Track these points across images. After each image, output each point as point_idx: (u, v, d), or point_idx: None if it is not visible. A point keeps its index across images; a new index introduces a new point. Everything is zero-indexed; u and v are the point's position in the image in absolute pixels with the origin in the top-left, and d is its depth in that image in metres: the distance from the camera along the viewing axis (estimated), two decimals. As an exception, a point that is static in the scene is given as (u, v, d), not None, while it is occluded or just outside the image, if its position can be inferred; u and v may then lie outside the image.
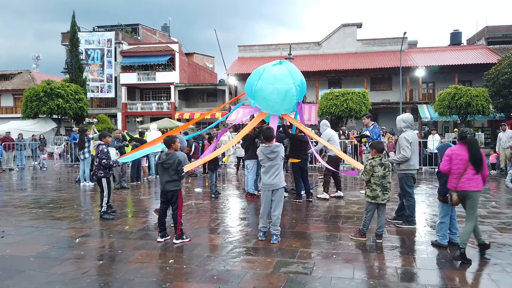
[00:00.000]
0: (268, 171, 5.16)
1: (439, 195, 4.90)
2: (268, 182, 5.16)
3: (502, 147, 13.15)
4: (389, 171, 5.09)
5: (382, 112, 29.41)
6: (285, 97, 6.93)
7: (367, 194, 5.15)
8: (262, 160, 5.22)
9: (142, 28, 40.64)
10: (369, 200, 5.13)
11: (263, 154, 5.17)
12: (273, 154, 5.12)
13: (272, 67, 7.10)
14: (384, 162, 5.09)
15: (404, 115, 5.98)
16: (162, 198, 5.25)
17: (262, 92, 7.00)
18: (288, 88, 6.90)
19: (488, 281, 3.79)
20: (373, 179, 5.06)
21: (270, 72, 6.99)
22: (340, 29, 32.32)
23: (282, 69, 7.07)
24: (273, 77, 6.91)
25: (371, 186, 5.09)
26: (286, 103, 7.07)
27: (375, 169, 5.04)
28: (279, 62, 7.26)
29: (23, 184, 11.79)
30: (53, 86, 22.79)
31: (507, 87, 21.24)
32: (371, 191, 5.09)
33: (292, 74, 7.04)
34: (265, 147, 5.18)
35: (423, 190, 9.56)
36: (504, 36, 31.39)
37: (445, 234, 4.86)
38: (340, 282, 3.80)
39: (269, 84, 6.89)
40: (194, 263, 4.35)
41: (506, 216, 6.53)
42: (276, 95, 6.85)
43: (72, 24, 25.61)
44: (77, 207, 7.70)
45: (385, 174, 5.04)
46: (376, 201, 5.06)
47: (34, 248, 4.95)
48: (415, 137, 5.81)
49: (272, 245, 5.00)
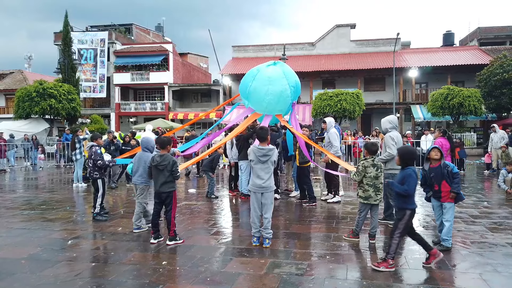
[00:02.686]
0: (258, 173, 5.00)
1: (453, 193, 4.69)
2: (258, 184, 4.99)
3: (494, 148, 13.29)
4: (381, 171, 5.11)
5: (375, 113, 29.56)
6: (279, 98, 6.92)
7: (360, 194, 5.17)
8: (252, 161, 5.04)
9: (136, 28, 40.45)
10: (361, 201, 5.14)
11: (254, 155, 5.00)
12: (265, 157, 4.97)
13: (267, 68, 7.07)
14: (376, 163, 5.11)
15: (389, 117, 6.19)
16: (157, 199, 5.23)
17: (256, 94, 6.98)
18: (282, 89, 6.89)
19: (479, 281, 3.81)
20: (366, 179, 5.07)
21: (265, 73, 6.97)
22: (334, 29, 32.45)
23: (277, 70, 7.05)
24: (268, 79, 6.89)
25: (363, 186, 5.10)
26: (281, 104, 7.06)
27: (368, 170, 5.05)
28: (273, 63, 7.23)
29: (15, 185, 11.67)
30: (45, 86, 22.59)
31: (498, 87, 21.47)
32: (363, 191, 5.10)
33: (287, 75, 7.02)
34: (258, 148, 5.03)
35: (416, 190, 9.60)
36: (496, 37, 31.71)
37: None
38: (333, 282, 3.81)
39: (263, 85, 6.87)
40: (188, 264, 4.34)
41: (498, 216, 6.59)
42: (270, 96, 6.85)
43: (65, 23, 25.40)
44: (69, 209, 7.65)
45: (378, 175, 5.06)
46: (369, 201, 5.07)
47: (25, 250, 4.90)
48: (399, 138, 6.03)
49: (273, 243, 5.00)
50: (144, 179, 5.70)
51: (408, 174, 4.27)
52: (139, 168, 5.69)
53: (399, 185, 4.27)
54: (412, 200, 4.28)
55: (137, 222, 5.74)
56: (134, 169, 5.77)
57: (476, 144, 23.54)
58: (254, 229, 5.09)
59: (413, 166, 4.38)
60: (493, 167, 13.44)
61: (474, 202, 7.89)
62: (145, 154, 5.71)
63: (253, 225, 5.10)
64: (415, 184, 4.26)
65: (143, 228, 5.77)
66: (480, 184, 10.90)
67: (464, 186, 10.28)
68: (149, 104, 33.38)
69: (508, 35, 31.43)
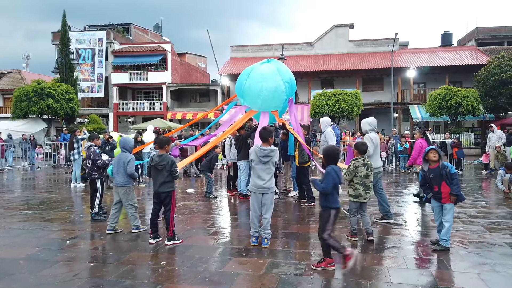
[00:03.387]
0: (259, 174, 4.96)
1: (453, 195, 4.69)
2: (259, 185, 4.95)
3: (492, 148, 13.33)
4: (372, 171, 5.20)
5: (373, 113, 29.56)
6: (274, 94, 7.01)
7: (350, 193, 5.25)
8: (253, 161, 4.99)
9: (134, 28, 40.39)
10: (352, 199, 5.21)
11: (256, 155, 4.95)
12: (266, 158, 4.93)
13: (260, 65, 7.22)
14: (367, 162, 5.19)
15: (369, 119, 6.40)
16: (155, 199, 5.22)
17: (251, 91, 7.07)
18: (276, 85, 6.99)
19: (477, 281, 3.82)
20: (356, 179, 5.14)
21: (258, 71, 7.10)
22: (332, 29, 32.47)
23: (270, 67, 7.18)
24: (261, 75, 7.01)
25: (353, 185, 5.17)
26: (276, 100, 7.14)
27: (359, 170, 5.12)
28: (267, 61, 7.36)
29: (13, 185, 11.64)
30: (43, 86, 22.55)
31: (496, 88, 21.53)
32: (353, 190, 5.17)
33: (280, 71, 7.14)
34: (260, 149, 4.97)
35: (414, 190, 9.63)
36: (494, 38, 31.79)
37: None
38: (332, 282, 3.81)
39: (257, 82, 6.98)
40: (186, 264, 4.34)
41: (496, 216, 6.60)
42: (265, 93, 6.92)
43: (63, 23, 25.37)
44: (67, 209, 7.63)
45: (368, 174, 5.14)
46: (359, 200, 5.15)
47: (24, 251, 4.89)
48: (378, 139, 6.25)
49: (272, 243, 5.01)
50: (125, 180, 5.65)
51: (327, 172, 4.31)
52: (119, 170, 5.64)
53: (319, 183, 4.29)
54: (334, 199, 4.27)
55: (135, 223, 5.73)
56: (114, 170, 5.69)
57: (474, 144, 23.62)
58: (253, 229, 5.08)
59: (335, 165, 4.40)
60: (490, 167, 13.48)
61: (472, 202, 7.91)
62: (124, 154, 5.68)
63: (252, 225, 5.09)
64: (334, 182, 4.23)
65: (142, 228, 5.76)
66: (478, 184, 10.93)
67: (462, 186, 10.31)
68: (147, 104, 33.33)
69: (505, 36, 31.51)
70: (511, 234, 5.43)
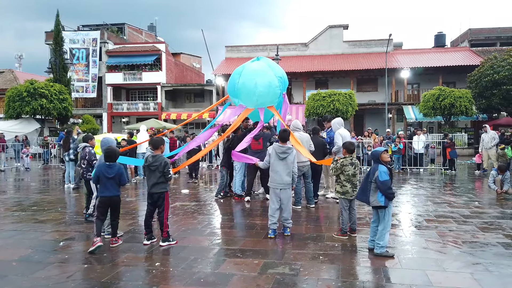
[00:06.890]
0: (278, 170, 5.43)
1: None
2: (277, 180, 5.42)
3: (485, 148, 13.42)
4: (358, 169, 5.45)
5: (368, 113, 29.74)
6: (269, 89, 7.08)
7: (337, 190, 5.44)
8: (272, 158, 5.49)
9: (128, 28, 40.18)
10: (340, 196, 5.40)
11: (274, 151, 5.49)
12: (284, 154, 5.44)
13: (251, 63, 7.32)
14: (354, 161, 5.39)
15: (337, 119, 7.92)
16: (149, 200, 5.20)
17: (245, 88, 7.11)
18: (270, 80, 7.08)
19: (471, 281, 3.85)
20: (344, 176, 5.36)
21: (250, 68, 7.19)
22: (327, 30, 32.55)
23: (261, 64, 7.31)
24: (254, 72, 7.09)
25: (341, 182, 5.40)
26: (271, 95, 7.22)
27: (346, 169, 5.33)
28: (257, 58, 7.48)
29: (6, 186, 11.54)
30: (36, 86, 22.36)
31: (489, 88, 21.70)
32: (341, 187, 5.39)
33: (272, 67, 7.28)
34: (279, 146, 5.51)
35: (408, 191, 9.69)
36: (487, 39, 32.04)
37: None
38: (327, 282, 3.82)
39: (251, 79, 7.04)
40: (181, 265, 4.33)
41: (489, 216, 6.66)
42: (260, 88, 6.97)
43: (56, 23, 25.16)
44: (61, 210, 7.58)
45: (355, 173, 5.37)
46: (346, 196, 5.34)
47: (16, 252, 4.85)
48: (347, 134, 7.57)
49: (267, 244, 5.02)
50: None
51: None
52: None
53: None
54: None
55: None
56: None
57: (467, 145, 23.78)
58: (271, 221, 5.43)
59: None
60: (483, 167, 13.58)
61: (465, 202, 7.97)
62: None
63: (271, 217, 5.45)
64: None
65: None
66: (471, 184, 11.01)
67: (455, 186, 10.39)
68: (141, 104, 33.16)
69: (498, 37, 31.77)
70: (504, 234, 5.48)
